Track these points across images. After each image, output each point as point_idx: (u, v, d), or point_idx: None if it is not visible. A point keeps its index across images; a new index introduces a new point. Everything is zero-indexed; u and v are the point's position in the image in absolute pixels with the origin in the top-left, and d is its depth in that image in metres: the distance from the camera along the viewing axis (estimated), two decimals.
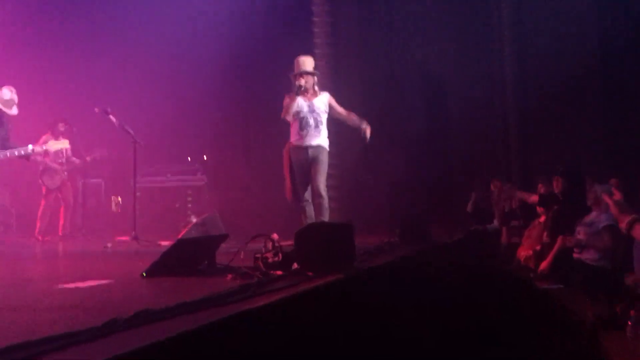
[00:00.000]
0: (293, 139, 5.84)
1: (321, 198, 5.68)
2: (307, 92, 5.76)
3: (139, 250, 5.81)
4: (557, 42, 8.71)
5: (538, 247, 6.57)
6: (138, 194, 7.07)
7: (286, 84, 8.48)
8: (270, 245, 3.68)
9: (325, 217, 5.61)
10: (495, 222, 8.46)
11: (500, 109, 9.41)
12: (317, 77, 5.93)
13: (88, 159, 8.06)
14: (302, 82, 5.71)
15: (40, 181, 7.99)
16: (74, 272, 4.22)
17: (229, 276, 3.32)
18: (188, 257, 3.71)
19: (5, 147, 5.77)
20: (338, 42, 8.37)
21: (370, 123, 8.43)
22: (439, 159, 8.82)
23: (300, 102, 5.76)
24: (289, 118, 5.78)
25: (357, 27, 8.56)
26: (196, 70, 8.87)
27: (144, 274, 3.55)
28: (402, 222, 5.80)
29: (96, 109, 6.79)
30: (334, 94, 8.39)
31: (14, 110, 5.78)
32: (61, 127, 7.97)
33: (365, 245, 4.81)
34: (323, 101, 5.89)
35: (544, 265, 6.16)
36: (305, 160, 5.77)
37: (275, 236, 3.77)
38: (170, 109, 9.03)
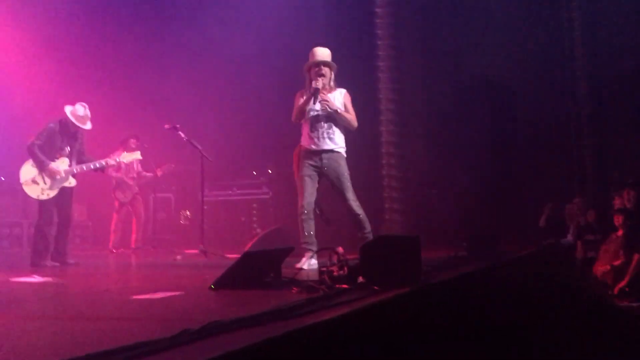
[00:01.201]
0: (304, 142, 5.22)
1: (358, 216, 5.17)
2: (323, 88, 5.10)
3: (207, 263, 5.94)
4: (633, 44, 8.30)
5: (616, 263, 6.27)
6: (205, 207, 7.24)
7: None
8: (335, 258, 3.67)
9: (368, 228, 5.18)
10: (569, 237, 8.13)
11: (572, 117, 9.06)
12: (334, 70, 5.22)
13: (159, 173, 8.36)
14: (323, 72, 5.05)
15: (113, 195, 8.35)
16: (146, 283, 4.35)
17: (295, 289, 3.33)
18: (254, 269, 3.75)
19: (81, 162, 6.06)
20: (401, 49, 8.28)
21: (434, 133, 8.30)
22: (506, 171, 8.57)
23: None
24: (293, 119, 5.17)
25: (420, 33, 8.44)
26: (261, 85, 9.02)
27: (212, 286, 3.62)
28: (469, 236, 5.65)
29: (166, 126, 7.03)
30: (397, 103, 8.26)
31: (88, 125, 6.06)
32: (133, 143, 8.33)
33: (431, 259, 4.72)
34: (338, 99, 5.18)
35: (623, 282, 5.87)
36: (318, 167, 5.11)
37: (340, 249, 3.76)
38: (236, 124, 9.23)
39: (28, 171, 5.82)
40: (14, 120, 7.39)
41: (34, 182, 5.81)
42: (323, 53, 5.17)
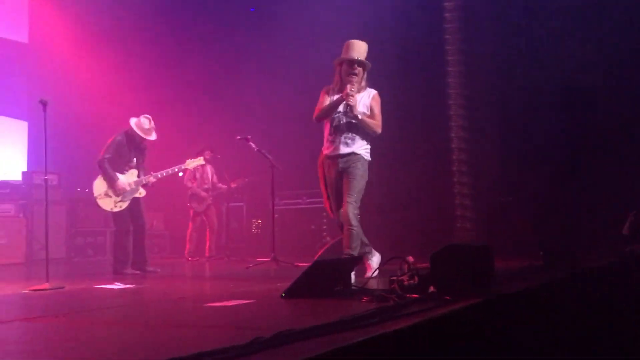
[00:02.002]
0: (324, 147, 4.87)
1: (350, 225, 4.57)
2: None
3: (278, 271, 6.03)
4: None
5: None
6: (276, 216, 7.36)
7: (417, 100, 8.34)
8: (405, 267, 3.64)
9: (354, 249, 4.57)
10: None
11: None
12: (368, 69, 4.78)
13: (233, 185, 8.62)
14: (356, 71, 4.64)
15: (188, 205, 8.66)
16: (219, 291, 4.47)
17: (365, 299, 3.32)
18: (324, 278, 3.77)
19: (147, 172, 6.34)
20: (471, 53, 8.11)
21: (507, 139, 8.02)
22: (585, 177, 8.19)
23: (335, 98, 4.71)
24: (315, 119, 4.78)
25: (492, 36, 8.22)
26: None
27: (283, 295, 3.67)
28: (546, 244, 5.45)
29: (237, 137, 7.21)
30: (468, 109, 8.03)
31: (153, 136, 6.33)
32: (207, 154, 8.62)
33: (505, 268, 4.59)
34: (365, 101, 4.76)
35: None
36: (336, 174, 4.76)
37: (410, 258, 3.72)
38: (305, 134, 9.32)
39: (100, 185, 6.11)
40: (93, 132, 7.79)
41: (107, 195, 6.10)
42: (360, 49, 4.71)
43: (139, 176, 6.24)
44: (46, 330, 2.85)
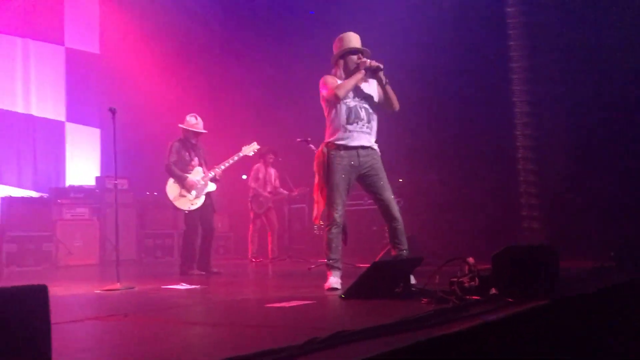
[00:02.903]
0: (334, 136, 4.37)
1: (398, 222, 4.37)
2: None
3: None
4: None
5: None
6: None
7: (480, 98, 8.14)
8: (466, 268, 3.57)
9: (405, 242, 4.39)
10: None
11: None
12: (369, 58, 4.44)
13: (295, 193, 8.72)
14: (368, 62, 4.30)
15: (249, 206, 8.83)
16: (280, 292, 4.53)
17: (424, 300, 3.29)
18: (384, 279, 3.76)
19: (209, 168, 6.55)
20: (536, 48, 7.85)
21: (575, 135, 7.69)
22: None
23: None
24: (342, 94, 4.26)
25: (559, 28, 7.91)
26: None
27: (343, 296, 3.69)
28: (618, 245, 5.22)
29: (298, 139, 7.28)
30: (533, 105, 7.77)
31: (203, 129, 6.61)
32: (270, 157, 8.79)
33: (574, 269, 4.43)
34: (373, 88, 4.46)
35: None
36: (352, 167, 4.32)
37: (471, 260, 3.65)
38: None
39: (173, 188, 6.36)
40: (160, 137, 8.07)
41: (182, 195, 6.35)
42: (357, 39, 4.50)
43: (204, 172, 6.48)
44: (116, 329, 2.98)
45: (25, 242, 7.96)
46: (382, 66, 4.29)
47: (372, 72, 4.35)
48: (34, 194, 9.14)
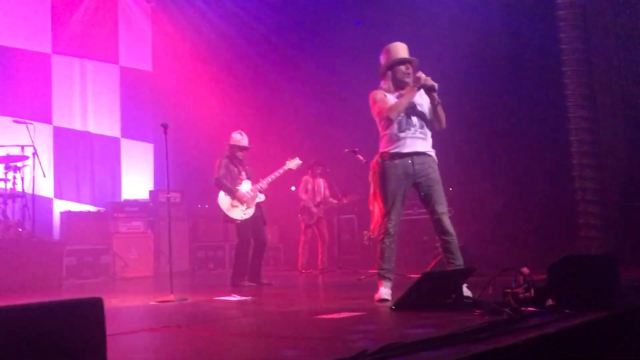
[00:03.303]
0: (388, 145, 4.30)
1: (451, 235, 4.22)
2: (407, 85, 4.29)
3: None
4: None
5: None
6: None
7: (534, 104, 7.94)
8: (521, 279, 3.48)
9: (460, 258, 4.20)
10: None
11: None
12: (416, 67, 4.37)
13: (344, 201, 8.73)
14: (410, 70, 4.28)
15: (299, 217, 8.88)
16: (331, 303, 4.52)
17: (477, 311, 3.22)
18: (435, 290, 3.70)
19: (256, 181, 6.65)
20: (590, 51, 7.61)
21: (635, 140, 7.39)
22: None
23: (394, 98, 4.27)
24: (394, 116, 4.18)
25: (614, 27, 7.64)
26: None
27: (393, 307, 3.65)
28: None
29: (345, 150, 7.28)
30: (589, 109, 7.49)
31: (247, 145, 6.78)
32: (318, 169, 8.83)
33: (633, 280, 4.23)
34: (421, 94, 4.33)
35: None
36: (407, 175, 4.23)
37: (526, 270, 3.55)
38: None
39: (225, 199, 6.48)
40: (210, 152, 8.22)
41: (233, 206, 6.48)
42: (405, 48, 4.41)
43: (252, 184, 6.61)
44: (170, 340, 3.04)
45: (84, 255, 8.23)
46: (436, 86, 4.21)
47: (425, 89, 4.26)
48: (91, 208, 9.46)
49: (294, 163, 6.91)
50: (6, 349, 1.39)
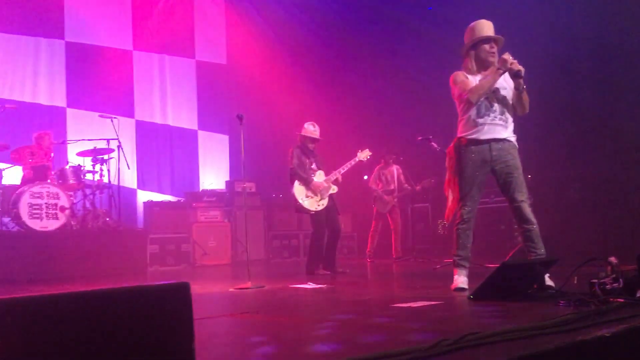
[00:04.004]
0: (465, 131, 4.13)
1: (532, 224, 4.05)
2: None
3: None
4: None
5: None
6: None
7: (620, 92, 7.55)
8: (608, 269, 3.32)
9: (541, 247, 4.04)
10: None
11: None
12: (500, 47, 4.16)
13: (418, 188, 8.63)
14: (495, 50, 4.06)
15: (372, 205, 8.87)
16: (406, 292, 4.49)
17: (561, 302, 3.10)
18: (515, 280, 3.60)
19: (328, 173, 6.66)
20: None
21: None
22: None
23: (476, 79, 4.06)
24: (474, 99, 4.00)
25: None
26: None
27: (471, 296, 3.58)
28: None
29: (419, 138, 7.19)
30: None
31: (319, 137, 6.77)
32: (390, 157, 8.77)
33: None
34: (506, 77, 4.09)
35: None
36: (484, 162, 4.08)
37: (613, 259, 3.38)
38: None
39: (300, 190, 6.56)
40: (284, 142, 8.34)
41: (308, 196, 6.54)
42: (490, 26, 4.14)
43: (325, 175, 6.64)
44: (249, 326, 3.12)
45: (166, 243, 8.58)
46: (523, 71, 3.96)
47: (511, 74, 4.02)
48: (171, 198, 9.84)
49: (364, 155, 6.90)
50: (102, 330, 1.47)
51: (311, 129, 6.76)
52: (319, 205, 6.56)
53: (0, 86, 8.76)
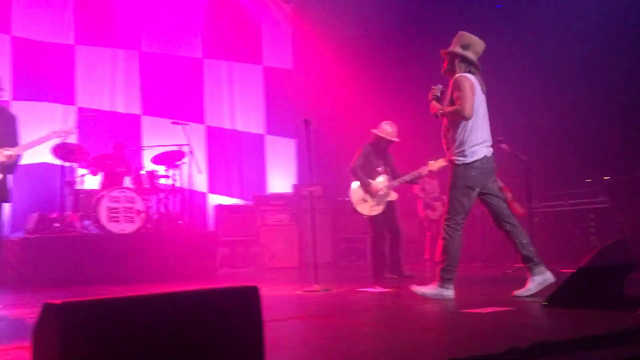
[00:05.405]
0: (482, 147, 4.34)
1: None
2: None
3: None
4: None
5: None
6: (535, 219, 6.96)
7: None
8: None
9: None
10: None
11: None
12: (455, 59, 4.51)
13: None
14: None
15: (424, 215, 8.79)
16: (476, 297, 4.40)
17: None
18: (591, 287, 3.46)
19: (395, 176, 6.50)
20: None
21: None
22: None
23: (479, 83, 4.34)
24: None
25: None
26: (588, 91, 8.28)
27: (545, 303, 3.47)
28: None
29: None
30: None
31: (396, 138, 6.53)
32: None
33: None
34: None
35: None
36: (492, 170, 4.39)
37: None
38: (565, 129, 8.68)
39: (357, 191, 6.47)
40: (351, 146, 8.34)
41: (364, 200, 6.44)
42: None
43: (388, 181, 6.47)
44: (316, 328, 3.15)
45: (236, 245, 8.78)
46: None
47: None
48: (240, 201, 10.06)
49: (437, 164, 6.21)
50: (176, 330, 1.54)
51: (387, 130, 6.51)
52: (373, 211, 6.35)
53: (81, 96, 9.24)
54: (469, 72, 4.38)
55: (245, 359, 1.61)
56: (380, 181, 6.44)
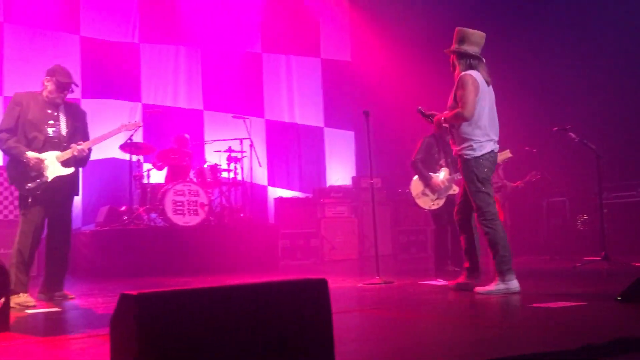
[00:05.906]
0: (490, 144, 4.50)
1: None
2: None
3: (611, 272, 5.47)
4: None
5: None
6: (605, 210, 6.68)
7: None
8: None
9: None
10: None
11: None
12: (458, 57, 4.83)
13: (520, 185, 8.13)
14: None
15: None
16: (545, 292, 4.27)
17: None
18: None
19: (457, 169, 6.34)
20: None
21: None
22: None
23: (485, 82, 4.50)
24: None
25: None
26: None
27: (619, 298, 3.33)
28: None
29: (554, 128, 6.77)
30: None
31: None
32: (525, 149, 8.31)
33: None
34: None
35: None
36: (495, 165, 4.59)
37: None
38: (637, 116, 8.29)
39: (417, 185, 6.39)
40: (410, 137, 8.25)
41: (424, 194, 6.35)
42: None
43: (450, 174, 6.34)
44: (380, 321, 3.14)
45: (296, 238, 8.86)
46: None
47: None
48: (300, 194, 10.14)
49: (502, 156, 5.75)
50: (250, 321, 1.56)
51: None
52: (433, 205, 6.28)
53: (146, 92, 9.53)
54: (470, 66, 4.48)
55: (317, 351, 1.62)
56: (442, 175, 6.33)
